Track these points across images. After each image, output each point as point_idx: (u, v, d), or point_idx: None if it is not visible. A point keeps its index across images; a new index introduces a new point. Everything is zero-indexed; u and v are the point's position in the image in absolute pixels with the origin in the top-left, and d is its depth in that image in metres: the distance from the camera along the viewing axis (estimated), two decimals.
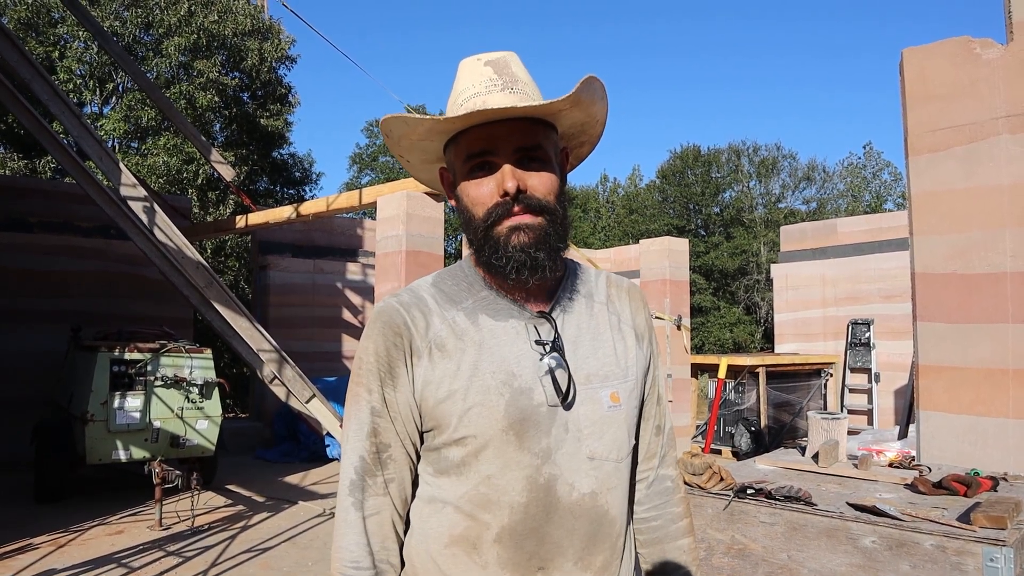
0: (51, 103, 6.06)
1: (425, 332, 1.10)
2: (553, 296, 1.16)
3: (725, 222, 28.02)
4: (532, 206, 1.07)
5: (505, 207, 1.07)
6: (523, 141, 1.08)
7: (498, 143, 1.07)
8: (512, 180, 1.06)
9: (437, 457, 1.10)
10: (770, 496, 2.38)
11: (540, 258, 1.07)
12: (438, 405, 1.07)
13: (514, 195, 1.06)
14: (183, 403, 6.83)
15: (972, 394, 3.03)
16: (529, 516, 1.06)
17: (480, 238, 1.10)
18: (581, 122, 1.16)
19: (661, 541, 1.26)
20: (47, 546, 5.41)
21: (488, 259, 1.09)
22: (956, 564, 1.94)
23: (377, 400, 1.10)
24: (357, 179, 29.62)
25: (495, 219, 1.08)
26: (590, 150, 1.24)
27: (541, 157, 1.09)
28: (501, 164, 1.07)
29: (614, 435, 1.13)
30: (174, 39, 14.88)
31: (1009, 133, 2.98)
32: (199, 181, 15.20)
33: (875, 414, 9.98)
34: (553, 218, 1.09)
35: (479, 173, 1.09)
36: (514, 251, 1.07)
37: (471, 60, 1.13)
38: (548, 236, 1.08)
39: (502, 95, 1.08)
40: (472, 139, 1.09)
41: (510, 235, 1.07)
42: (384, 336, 1.10)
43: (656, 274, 9.98)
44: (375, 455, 1.10)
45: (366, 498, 1.10)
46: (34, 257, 9.06)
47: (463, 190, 1.11)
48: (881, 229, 10.52)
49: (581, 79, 1.05)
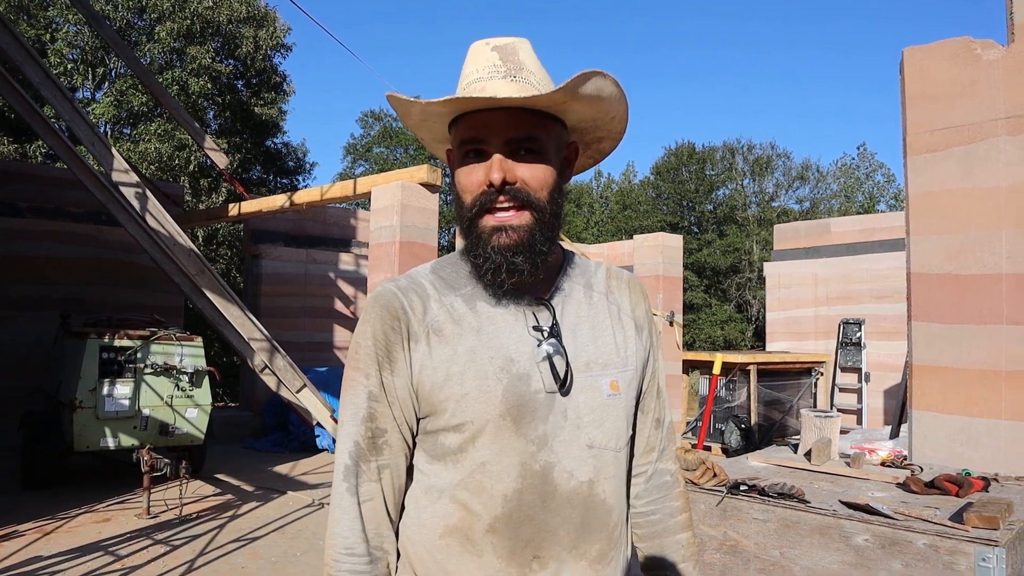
0: (43, 86, 6.00)
1: (423, 317, 1.09)
2: (552, 283, 1.16)
3: (718, 220, 28.10)
4: (519, 199, 1.06)
5: (489, 197, 1.05)
6: (516, 132, 1.06)
7: (491, 132, 1.05)
8: (499, 171, 1.04)
9: (433, 443, 1.09)
10: (763, 493, 2.38)
11: (518, 263, 1.06)
12: (435, 390, 1.06)
13: (499, 186, 1.04)
14: (173, 391, 6.78)
15: (965, 395, 3.04)
16: (524, 503, 1.05)
17: (465, 228, 1.09)
18: (592, 117, 1.13)
19: (659, 535, 1.26)
20: (33, 533, 5.37)
21: (470, 252, 1.09)
22: (948, 563, 1.95)
23: (375, 384, 1.09)
24: (351, 169, 29.51)
25: (479, 209, 1.06)
26: (613, 146, 1.21)
27: (536, 149, 1.07)
28: (492, 153, 1.06)
29: (613, 424, 1.12)
30: (167, 24, 14.75)
31: (1008, 135, 2.98)
32: (191, 168, 15.12)
33: (864, 414, 10.03)
34: (540, 215, 1.07)
35: (471, 160, 1.08)
36: (493, 252, 1.06)
37: (480, 44, 1.11)
38: (531, 238, 1.06)
39: (503, 83, 1.06)
40: (466, 125, 1.07)
41: (492, 234, 1.06)
42: (382, 320, 1.09)
43: (650, 270, 10.00)
44: (370, 440, 1.09)
45: (360, 484, 1.08)
46: (24, 243, 8.97)
47: (456, 175, 1.11)
48: (874, 230, 10.56)
49: (576, 74, 1.02)
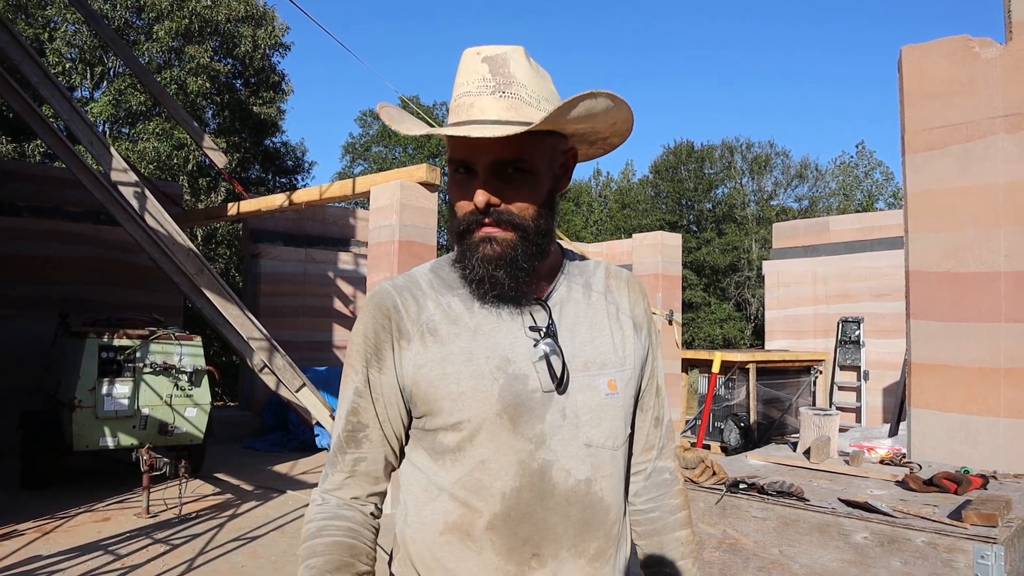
0: (41, 86, 5.99)
1: (417, 316, 1.11)
2: (551, 284, 1.16)
3: (717, 218, 28.10)
4: (503, 221, 1.07)
5: (475, 218, 1.07)
6: (503, 154, 1.05)
7: (477, 154, 1.06)
8: (483, 196, 1.05)
9: (432, 442, 1.10)
10: (762, 491, 2.38)
11: (499, 277, 1.07)
12: (431, 388, 1.08)
13: (483, 209, 1.06)
14: (172, 390, 6.78)
15: (964, 392, 3.04)
16: (522, 501, 1.06)
17: (455, 239, 1.12)
18: (590, 129, 1.12)
19: (658, 532, 1.26)
20: (32, 532, 5.37)
21: (458, 262, 1.12)
22: (947, 561, 1.95)
23: (360, 381, 1.12)
24: (350, 169, 29.50)
25: (466, 228, 1.09)
26: (621, 141, 1.20)
27: (524, 168, 1.07)
28: (477, 175, 1.07)
29: (611, 423, 1.13)
30: (165, 23, 14.74)
31: (1006, 132, 2.98)
32: (190, 167, 15.11)
33: (863, 412, 10.04)
34: (524, 234, 1.08)
35: (461, 174, 1.09)
36: (477, 263, 1.07)
37: (471, 53, 1.09)
38: (515, 254, 1.07)
39: (491, 99, 1.05)
40: (454, 145, 1.08)
41: (479, 244, 1.08)
42: (374, 318, 1.12)
43: (649, 268, 10.01)
44: (350, 434, 1.13)
45: (330, 474, 1.14)
46: (22, 242, 8.95)
47: (450, 191, 1.13)
48: (872, 228, 10.57)
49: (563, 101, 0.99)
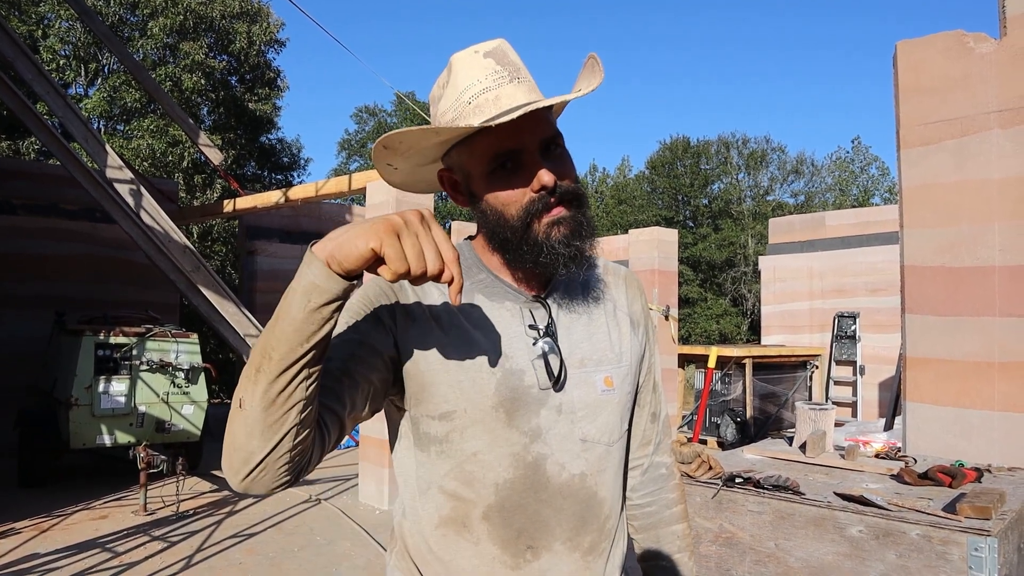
0: (35, 83, 5.97)
1: (421, 299, 1.09)
2: (549, 281, 1.16)
3: (713, 214, 28.14)
4: (567, 198, 1.06)
5: (544, 201, 1.05)
6: (547, 132, 1.06)
7: (525, 138, 1.04)
8: (549, 175, 1.03)
9: (417, 430, 1.09)
10: (758, 485, 2.39)
11: (584, 249, 1.07)
12: (430, 371, 1.05)
13: (551, 188, 1.04)
14: (169, 388, 6.77)
15: (958, 386, 3.06)
16: (516, 493, 1.06)
17: (519, 238, 1.06)
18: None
19: (655, 527, 1.27)
20: (30, 530, 5.37)
21: (535, 259, 1.06)
22: (941, 553, 1.97)
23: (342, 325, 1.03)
24: (346, 165, 29.47)
25: (534, 215, 1.05)
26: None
27: (561, 144, 1.09)
28: (530, 159, 1.05)
29: (607, 419, 1.13)
30: (160, 20, 14.68)
31: (1000, 128, 2.99)
32: (185, 164, 15.07)
33: (859, 406, 10.09)
34: (584, 206, 1.09)
35: (504, 172, 1.06)
36: (560, 246, 1.05)
37: (467, 54, 1.08)
38: (584, 225, 1.07)
39: (512, 87, 1.05)
40: (498, 138, 1.04)
41: (550, 231, 1.05)
42: (374, 291, 1.08)
43: (645, 264, 10.01)
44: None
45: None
46: (18, 240, 8.93)
47: (488, 191, 1.07)
48: (868, 223, 10.59)
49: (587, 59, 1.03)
